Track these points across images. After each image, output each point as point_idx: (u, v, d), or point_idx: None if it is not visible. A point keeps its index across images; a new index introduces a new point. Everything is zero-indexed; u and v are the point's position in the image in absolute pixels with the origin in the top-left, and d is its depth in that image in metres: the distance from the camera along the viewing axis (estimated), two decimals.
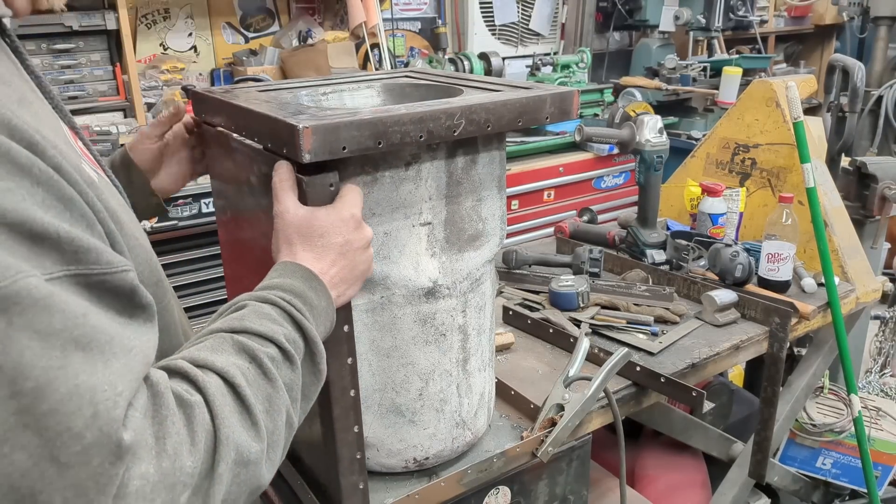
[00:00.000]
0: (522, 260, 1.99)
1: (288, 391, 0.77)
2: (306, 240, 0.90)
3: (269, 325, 0.78)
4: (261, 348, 0.75)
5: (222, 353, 0.73)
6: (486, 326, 1.22)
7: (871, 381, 2.50)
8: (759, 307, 1.73)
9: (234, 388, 0.70)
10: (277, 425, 0.74)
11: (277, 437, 0.74)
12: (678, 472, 2.07)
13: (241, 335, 0.76)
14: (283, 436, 0.76)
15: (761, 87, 2.14)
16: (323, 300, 0.87)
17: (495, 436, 1.32)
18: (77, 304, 0.60)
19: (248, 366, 0.73)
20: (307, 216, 0.90)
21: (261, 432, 0.71)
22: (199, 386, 0.68)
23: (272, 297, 0.81)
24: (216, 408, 0.67)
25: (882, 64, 4.48)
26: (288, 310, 0.81)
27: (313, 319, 0.84)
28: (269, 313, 0.79)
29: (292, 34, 3.87)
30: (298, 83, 1.28)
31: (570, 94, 1.11)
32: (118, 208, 0.76)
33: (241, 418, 0.70)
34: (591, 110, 4.11)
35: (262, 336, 0.76)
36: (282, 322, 0.79)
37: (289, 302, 0.82)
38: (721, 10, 4.58)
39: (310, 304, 0.84)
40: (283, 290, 0.83)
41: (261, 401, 0.72)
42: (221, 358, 0.72)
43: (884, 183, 2.18)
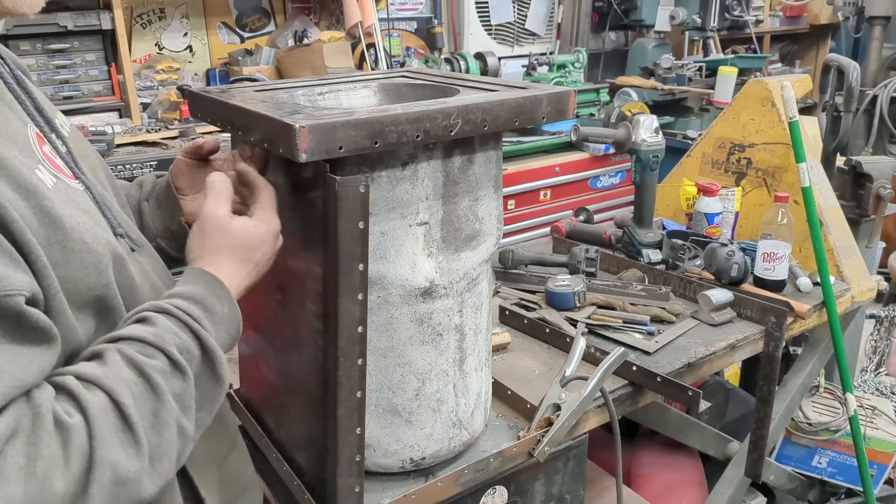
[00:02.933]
0: (519, 260, 1.99)
1: (178, 402, 0.77)
2: (235, 252, 0.92)
3: (163, 335, 0.78)
4: (149, 361, 0.75)
5: (111, 367, 0.73)
6: (483, 326, 1.22)
7: (867, 380, 2.51)
8: (754, 306, 1.74)
9: (118, 406, 0.71)
10: (164, 438, 0.75)
11: (165, 449, 0.75)
12: (674, 472, 2.07)
13: (132, 347, 0.76)
14: (175, 446, 0.76)
15: (757, 87, 2.14)
16: (226, 306, 0.87)
17: (492, 436, 1.32)
18: None
19: (137, 380, 0.74)
20: (241, 231, 0.93)
21: (142, 449, 0.72)
22: (82, 405, 0.69)
23: (168, 306, 0.81)
24: (95, 429, 0.68)
25: (877, 63, 4.50)
26: (184, 319, 0.81)
27: (213, 326, 0.84)
28: (165, 323, 0.79)
29: (288, 34, 3.86)
30: (295, 83, 1.28)
31: (567, 94, 1.11)
32: (66, 213, 0.76)
33: (122, 437, 0.71)
34: (587, 110, 4.12)
35: (153, 346, 0.77)
36: (176, 332, 0.80)
37: (185, 311, 0.82)
38: (716, 10, 4.59)
39: (210, 310, 0.85)
40: (182, 298, 0.83)
41: (146, 416, 0.73)
42: (110, 373, 0.72)
43: (879, 182, 2.19)
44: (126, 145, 3.05)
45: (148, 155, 2.93)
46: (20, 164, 0.74)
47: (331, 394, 1.01)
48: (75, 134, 0.98)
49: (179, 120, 3.36)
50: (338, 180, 0.90)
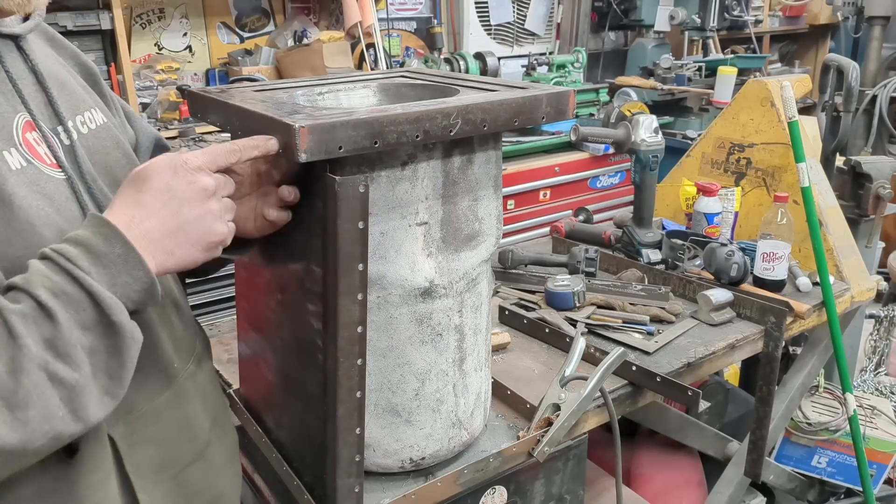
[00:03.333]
0: (518, 260, 2.00)
1: (47, 346, 0.73)
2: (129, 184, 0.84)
3: (31, 278, 0.74)
4: (10, 306, 0.72)
5: None
6: (483, 326, 1.22)
7: (866, 380, 2.51)
8: (754, 306, 1.74)
9: None
10: (23, 384, 0.71)
11: (24, 396, 0.71)
12: (674, 472, 2.07)
13: (3, 294, 0.74)
14: (46, 393, 0.73)
15: (756, 87, 2.15)
16: (117, 247, 0.78)
17: (491, 436, 1.32)
18: None
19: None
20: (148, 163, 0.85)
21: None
22: None
23: (46, 250, 0.77)
24: None
25: (876, 63, 4.50)
26: (56, 259, 0.76)
27: (101, 268, 0.77)
28: (38, 267, 0.75)
29: (287, 34, 3.86)
30: (294, 83, 1.28)
31: (566, 94, 1.11)
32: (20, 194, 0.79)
33: None
34: (586, 110, 4.12)
35: (20, 290, 0.74)
36: (47, 274, 0.75)
37: (60, 251, 0.76)
38: (716, 10, 4.59)
39: (94, 251, 0.77)
40: (66, 242, 0.78)
41: (3, 362, 0.70)
42: None
43: (878, 182, 2.19)
44: None
45: None
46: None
47: (330, 394, 1.01)
48: (102, 132, 0.99)
49: (179, 120, 3.36)
50: (337, 180, 0.90)
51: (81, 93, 1.00)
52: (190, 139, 3.15)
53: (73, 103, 0.96)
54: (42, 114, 0.89)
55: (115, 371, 0.78)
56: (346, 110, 0.96)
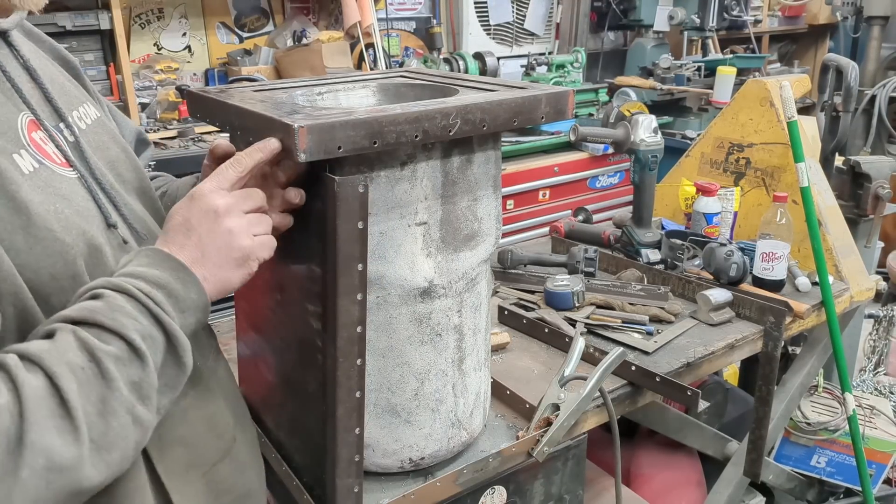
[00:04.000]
0: (518, 260, 2.00)
1: (134, 390, 0.74)
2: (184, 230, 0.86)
3: (121, 319, 0.75)
4: (103, 347, 0.73)
5: (59, 348, 0.71)
6: (482, 326, 1.22)
7: (866, 380, 2.52)
8: (753, 306, 1.74)
9: (57, 389, 0.68)
10: (112, 426, 0.72)
11: (113, 438, 0.72)
12: (673, 471, 2.07)
13: (87, 329, 0.73)
14: (129, 436, 0.74)
15: (755, 87, 2.15)
16: (193, 293, 0.82)
17: (491, 436, 1.32)
18: None
19: (86, 364, 0.71)
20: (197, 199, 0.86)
21: (81, 436, 0.69)
22: (16, 384, 0.67)
23: (130, 287, 0.77)
24: (27, 411, 0.66)
25: (875, 63, 4.51)
26: (145, 303, 0.77)
27: (179, 313, 0.80)
28: (123, 306, 0.75)
29: (287, 34, 3.86)
30: (293, 83, 1.28)
31: (565, 94, 1.11)
32: (35, 200, 0.76)
33: (59, 423, 0.68)
34: (585, 110, 4.12)
35: (110, 331, 0.74)
36: (136, 316, 0.76)
37: (147, 294, 0.77)
38: (715, 10, 4.59)
39: (175, 296, 0.80)
40: (144, 281, 0.79)
41: (92, 403, 0.70)
42: (55, 355, 0.70)
43: (877, 182, 2.19)
44: None
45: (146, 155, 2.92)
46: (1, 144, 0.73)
47: (330, 394, 1.00)
48: (98, 126, 0.98)
49: (178, 120, 3.36)
50: (337, 180, 0.90)
51: (72, 88, 0.99)
52: (189, 139, 3.15)
53: (67, 99, 0.95)
54: (43, 111, 0.87)
55: (169, 403, 0.82)
56: (345, 110, 0.96)
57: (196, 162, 2.96)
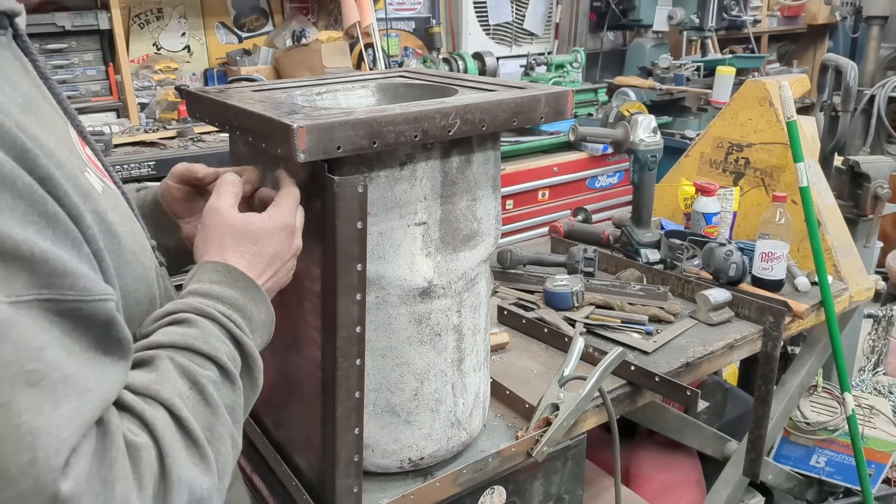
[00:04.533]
0: (517, 260, 2.00)
1: (230, 413, 0.73)
2: (238, 244, 0.86)
3: (212, 342, 0.74)
4: (202, 371, 0.71)
5: (165, 379, 0.69)
6: (481, 326, 1.22)
7: (865, 380, 2.52)
8: (752, 306, 1.74)
9: (180, 421, 0.67)
10: (222, 453, 0.71)
11: (223, 464, 0.71)
12: (673, 471, 2.07)
13: (182, 355, 0.72)
14: (230, 461, 0.73)
15: (755, 87, 2.15)
16: (262, 312, 0.84)
17: (490, 436, 1.32)
18: (37, 334, 0.56)
19: (190, 393, 0.70)
20: (242, 220, 0.87)
21: (210, 465, 0.68)
22: (147, 423, 0.65)
23: (212, 311, 0.77)
24: (166, 447, 0.64)
25: (874, 63, 4.51)
26: (228, 326, 0.77)
27: (251, 333, 0.80)
28: (210, 329, 0.75)
29: (286, 34, 3.86)
30: (292, 83, 1.28)
31: (565, 94, 1.11)
32: (116, 221, 0.72)
33: (190, 453, 0.67)
34: (585, 110, 4.12)
35: (203, 356, 0.73)
36: (223, 339, 0.76)
37: (229, 318, 0.78)
38: (714, 10, 4.59)
39: (249, 316, 0.81)
40: (222, 303, 0.79)
41: (204, 430, 0.69)
42: (166, 386, 0.68)
43: (876, 182, 2.19)
44: (124, 145, 3.05)
45: (146, 155, 2.93)
46: (72, 166, 0.67)
47: (329, 394, 1.00)
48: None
49: (177, 120, 3.36)
50: (336, 180, 0.90)
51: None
52: (188, 139, 3.15)
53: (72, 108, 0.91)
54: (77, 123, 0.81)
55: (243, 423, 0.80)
56: (344, 110, 0.96)
57: (196, 162, 2.96)
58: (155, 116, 3.39)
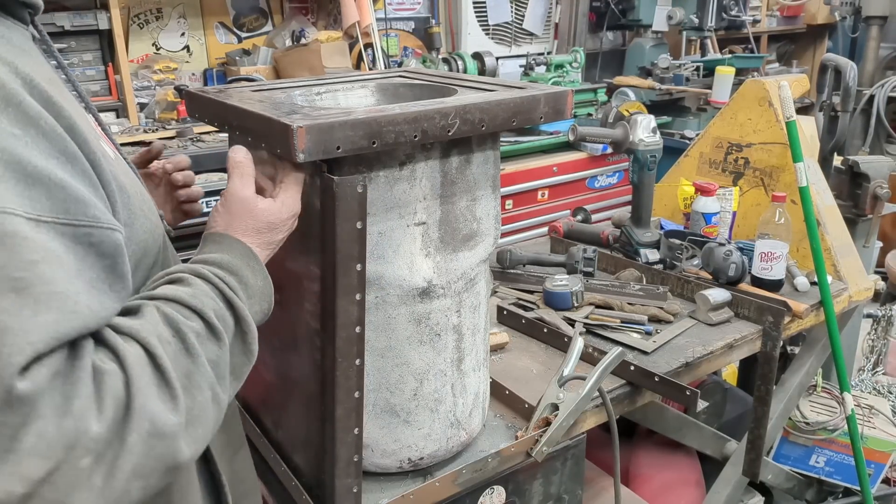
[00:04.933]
0: (517, 259, 2.00)
1: (213, 368, 0.76)
2: (253, 229, 0.90)
3: (201, 298, 0.78)
4: (186, 322, 0.75)
5: (148, 322, 0.73)
6: (481, 326, 1.22)
7: (864, 379, 2.52)
8: (752, 306, 1.74)
9: (154, 359, 0.70)
10: (198, 401, 0.73)
11: (199, 413, 0.73)
12: (672, 471, 2.08)
13: (169, 306, 0.76)
14: (209, 414, 0.75)
15: (754, 87, 2.15)
16: (260, 280, 0.87)
17: (490, 435, 1.32)
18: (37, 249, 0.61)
19: (172, 339, 0.73)
20: (264, 208, 0.91)
21: (179, 405, 0.70)
22: (119, 354, 0.68)
23: (205, 272, 0.82)
24: (132, 378, 0.67)
25: (874, 63, 4.51)
26: (220, 286, 0.81)
27: (247, 298, 0.84)
28: (202, 287, 0.80)
29: (285, 34, 3.86)
30: (292, 83, 1.28)
31: (564, 94, 1.11)
32: (126, 182, 0.79)
33: (160, 391, 0.69)
34: (584, 110, 4.12)
35: (190, 308, 0.76)
36: (213, 297, 0.80)
37: (222, 279, 0.82)
38: (714, 10, 4.59)
39: (245, 282, 0.85)
40: (218, 267, 0.84)
41: (180, 376, 0.72)
42: (147, 328, 0.72)
43: (876, 182, 2.19)
44: (123, 145, 3.00)
45: None
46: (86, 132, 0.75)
47: (329, 394, 1.01)
48: None
49: (177, 120, 3.36)
50: (335, 180, 0.90)
51: None
52: (188, 139, 3.15)
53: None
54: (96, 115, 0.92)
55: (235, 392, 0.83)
56: (344, 110, 0.96)
57: (196, 162, 2.93)
58: (154, 116, 3.39)
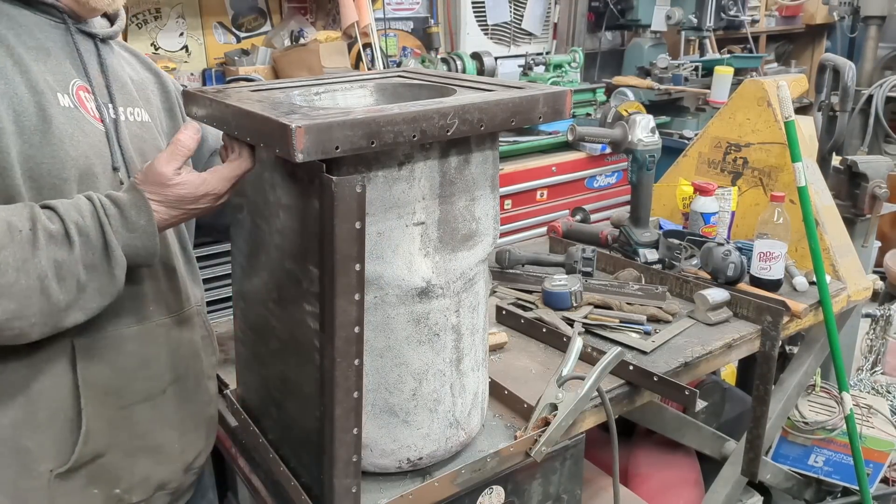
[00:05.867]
0: (515, 259, 2.00)
1: (54, 267, 0.92)
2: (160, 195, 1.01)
3: (71, 211, 0.94)
4: (45, 222, 0.92)
5: (8, 211, 0.91)
6: (480, 326, 1.22)
7: (863, 379, 2.52)
8: (751, 306, 1.74)
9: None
10: (19, 283, 0.89)
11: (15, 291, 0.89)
12: (671, 471, 2.08)
13: (45, 209, 0.94)
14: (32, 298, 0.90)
15: (753, 87, 2.15)
16: (143, 219, 0.99)
17: (489, 435, 1.32)
18: None
19: (24, 229, 0.90)
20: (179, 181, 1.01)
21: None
22: None
23: (94, 195, 0.98)
24: None
25: (872, 63, 4.52)
26: (98, 210, 0.96)
27: (125, 231, 0.97)
28: (79, 205, 0.96)
29: (284, 34, 3.86)
30: (291, 83, 1.28)
31: (563, 94, 1.11)
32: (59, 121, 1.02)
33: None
34: (583, 110, 4.12)
35: (56, 214, 0.93)
36: (84, 215, 0.95)
37: (103, 205, 0.97)
38: (712, 10, 4.60)
39: (126, 217, 0.98)
40: (107, 197, 0.98)
41: (13, 257, 0.88)
42: (7, 212, 0.91)
43: (874, 181, 2.19)
44: None
45: None
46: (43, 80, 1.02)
47: (327, 394, 1.00)
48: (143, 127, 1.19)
49: None
50: (334, 180, 0.90)
51: (135, 94, 1.21)
52: None
53: (125, 97, 1.17)
54: (99, 88, 1.12)
55: (98, 308, 0.99)
56: (342, 110, 0.96)
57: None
58: None
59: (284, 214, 1.05)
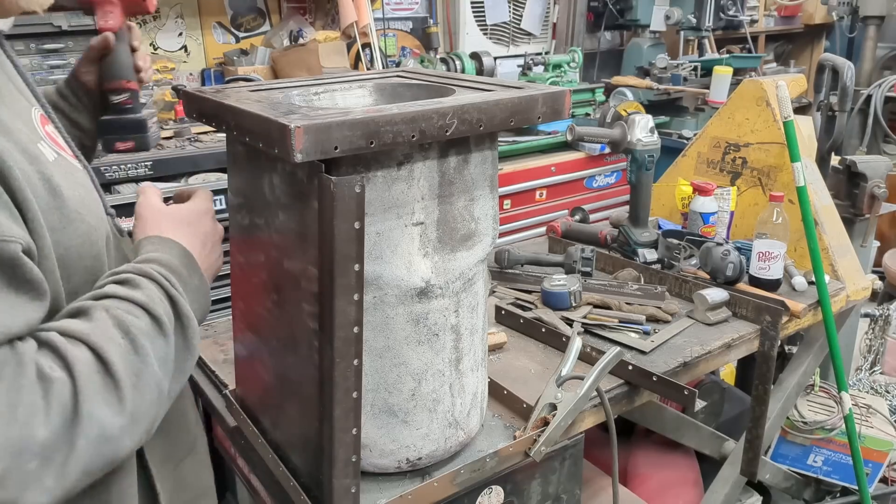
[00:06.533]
0: (515, 259, 2.00)
1: (161, 365, 0.80)
2: (176, 226, 0.97)
3: (148, 295, 0.83)
4: (135, 321, 0.79)
5: (97, 324, 0.76)
6: (479, 326, 1.22)
7: (862, 379, 2.52)
8: (750, 305, 1.74)
9: (103, 362, 0.73)
10: (145, 399, 0.77)
11: (145, 410, 0.77)
12: (670, 471, 2.08)
13: (117, 305, 0.79)
14: (154, 410, 0.80)
15: (752, 87, 2.15)
16: (196, 279, 0.93)
17: (488, 435, 1.32)
18: None
19: (122, 340, 0.76)
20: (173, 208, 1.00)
21: (125, 407, 0.74)
22: (67, 361, 0.71)
23: (150, 270, 0.86)
24: (80, 385, 0.70)
25: (871, 63, 4.52)
26: (162, 283, 0.85)
27: (186, 296, 0.88)
28: (147, 285, 0.84)
29: (283, 34, 3.85)
30: (290, 83, 1.28)
31: (562, 94, 1.11)
32: (64, 184, 0.81)
33: (107, 395, 0.73)
34: (582, 110, 4.12)
35: (138, 306, 0.80)
36: (158, 295, 0.84)
37: (164, 276, 0.86)
38: (711, 10, 4.59)
39: (184, 280, 0.90)
40: (159, 265, 0.88)
41: (129, 375, 0.75)
42: (96, 331, 0.75)
43: (873, 181, 2.20)
44: None
45: (143, 155, 2.92)
46: (24, 136, 0.80)
47: (327, 394, 1.00)
48: None
49: (174, 120, 3.35)
50: (333, 181, 0.90)
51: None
52: (185, 139, 3.14)
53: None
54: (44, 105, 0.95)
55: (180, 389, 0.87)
56: (341, 110, 0.96)
57: (193, 162, 2.96)
58: None
59: (283, 214, 1.04)
